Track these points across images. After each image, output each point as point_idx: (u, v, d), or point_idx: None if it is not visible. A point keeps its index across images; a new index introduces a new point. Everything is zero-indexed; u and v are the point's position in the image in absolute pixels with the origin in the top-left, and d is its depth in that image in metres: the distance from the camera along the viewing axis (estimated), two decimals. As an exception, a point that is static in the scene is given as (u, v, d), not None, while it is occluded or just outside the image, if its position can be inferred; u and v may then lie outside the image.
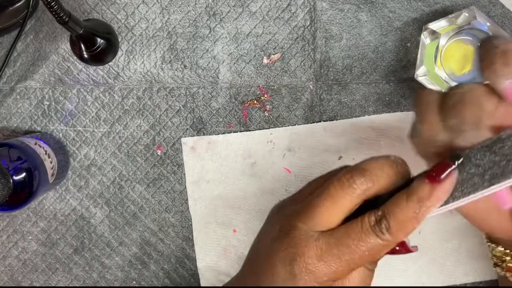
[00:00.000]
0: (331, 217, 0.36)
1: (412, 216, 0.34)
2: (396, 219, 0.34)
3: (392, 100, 0.56)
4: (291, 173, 0.57)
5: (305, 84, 0.56)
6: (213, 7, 0.55)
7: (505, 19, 0.54)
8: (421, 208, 0.34)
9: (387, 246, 0.35)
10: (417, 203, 0.34)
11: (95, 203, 0.57)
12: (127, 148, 0.57)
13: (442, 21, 0.52)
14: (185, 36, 0.55)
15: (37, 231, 0.58)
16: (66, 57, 0.55)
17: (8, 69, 0.56)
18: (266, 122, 0.56)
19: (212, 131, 0.56)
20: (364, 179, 0.35)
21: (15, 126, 0.57)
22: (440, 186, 0.34)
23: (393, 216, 0.34)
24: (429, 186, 0.34)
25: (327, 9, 0.55)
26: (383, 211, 0.35)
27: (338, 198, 0.36)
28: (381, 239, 0.34)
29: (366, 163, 0.36)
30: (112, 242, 0.58)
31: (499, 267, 0.43)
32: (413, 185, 0.34)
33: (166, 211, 0.58)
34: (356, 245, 0.35)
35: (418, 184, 0.34)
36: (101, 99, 0.56)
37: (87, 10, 0.55)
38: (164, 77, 0.56)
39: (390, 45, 0.55)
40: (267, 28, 0.55)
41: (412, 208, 0.34)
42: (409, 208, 0.34)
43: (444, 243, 0.57)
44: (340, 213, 0.36)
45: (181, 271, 0.59)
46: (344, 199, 0.36)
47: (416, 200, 0.34)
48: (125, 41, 0.55)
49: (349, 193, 0.36)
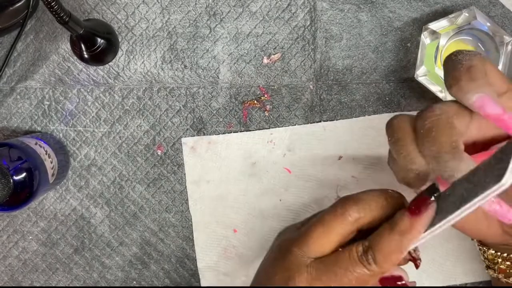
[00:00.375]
0: (323, 244, 0.37)
1: (395, 248, 0.35)
2: (381, 250, 0.35)
3: (392, 100, 0.56)
4: (291, 173, 0.57)
5: (305, 84, 0.56)
6: (213, 7, 0.55)
7: (505, 19, 0.54)
8: (403, 241, 0.35)
9: (373, 276, 0.36)
10: (399, 236, 0.35)
11: (95, 203, 0.57)
12: (127, 148, 0.57)
13: (442, 21, 0.52)
14: (185, 36, 0.55)
15: (38, 231, 0.58)
16: (66, 57, 0.55)
17: (8, 69, 0.56)
18: (266, 122, 0.56)
19: (212, 131, 0.56)
20: (357, 208, 0.37)
21: (15, 126, 0.57)
22: (419, 218, 0.34)
23: (379, 247, 0.35)
24: (409, 219, 0.35)
25: (327, 9, 0.55)
26: (370, 242, 0.36)
27: (330, 226, 0.37)
28: (367, 269, 0.36)
29: (361, 194, 0.38)
30: (113, 242, 0.58)
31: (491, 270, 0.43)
32: (395, 217, 0.36)
33: (166, 211, 0.58)
34: (344, 273, 0.36)
35: (400, 217, 0.35)
36: (101, 99, 0.56)
37: (87, 10, 0.55)
38: (164, 77, 0.56)
39: (390, 45, 0.55)
40: (267, 28, 0.55)
41: (395, 241, 0.35)
42: (392, 240, 0.35)
43: (444, 243, 0.57)
44: (333, 241, 0.37)
45: (181, 271, 0.59)
46: (336, 227, 0.37)
47: (398, 233, 0.35)
48: (125, 41, 0.55)
49: (341, 221, 0.37)
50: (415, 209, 0.35)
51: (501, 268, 0.42)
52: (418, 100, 0.56)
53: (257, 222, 0.58)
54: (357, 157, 0.56)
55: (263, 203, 0.57)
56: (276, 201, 0.57)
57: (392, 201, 0.37)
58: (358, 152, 0.56)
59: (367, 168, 0.57)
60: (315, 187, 0.57)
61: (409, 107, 0.56)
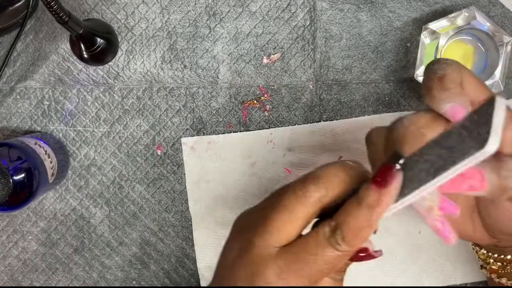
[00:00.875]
0: (288, 230, 0.35)
1: (365, 224, 0.33)
2: (350, 227, 0.33)
3: (392, 100, 0.56)
4: (291, 173, 0.57)
5: (305, 84, 0.56)
6: (213, 7, 0.55)
7: (505, 19, 0.54)
8: (372, 215, 0.33)
9: (345, 256, 0.34)
10: (367, 210, 0.33)
11: (95, 203, 0.57)
12: (127, 148, 0.57)
13: (442, 21, 0.52)
14: (185, 36, 0.55)
15: (37, 231, 0.58)
16: (66, 57, 0.55)
17: (8, 69, 0.56)
18: (266, 122, 0.56)
19: (212, 131, 0.56)
20: (317, 186, 0.34)
21: (15, 126, 0.57)
22: (386, 190, 0.32)
23: (346, 225, 0.33)
24: (376, 192, 0.32)
25: (327, 9, 0.55)
26: (336, 221, 0.34)
27: (292, 209, 0.34)
28: (338, 250, 0.33)
29: (319, 170, 0.35)
30: (112, 242, 0.58)
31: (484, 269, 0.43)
32: (361, 191, 0.33)
33: (166, 211, 0.58)
34: (314, 259, 0.33)
35: (366, 190, 0.33)
36: (101, 99, 0.56)
37: (87, 10, 0.55)
38: (164, 77, 0.56)
39: (390, 45, 0.55)
40: (267, 28, 0.55)
41: (363, 215, 0.33)
42: (360, 216, 0.33)
43: (444, 243, 0.57)
44: (297, 225, 0.35)
45: (181, 271, 0.59)
46: (299, 209, 0.34)
47: (366, 207, 0.33)
48: (125, 41, 0.55)
49: (303, 202, 0.34)
50: (381, 180, 0.32)
51: (493, 268, 0.42)
52: (418, 100, 0.56)
53: (257, 222, 0.58)
54: (357, 157, 0.56)
55: (263, 203, 0.57)
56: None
57: (354, 173, 0.35)
58: (358, 152, 0.56)
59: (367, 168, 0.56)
60: (315, 187, 0.57)
61: (408, 107, 0.56)
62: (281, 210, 0.35)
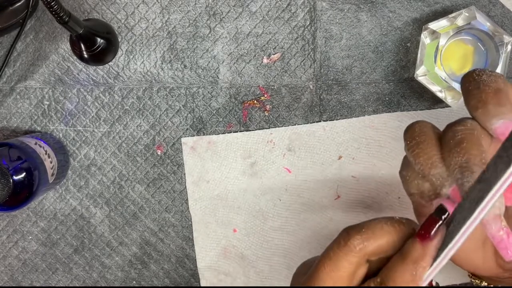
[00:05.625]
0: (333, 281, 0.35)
1: (410, 279, 0.33)
2: (395, 284, 0.33)
3: (392, 100, 0.56)
4: (291, 173, 0.57)
5: (305, 84, 0.56)
6: (213, 7, 0.55)
7: (505, 19, 0.54)
8: (418, 270, 0.32)
9: None
10: (412, 265, 0.32)
11: (95, 203, 0.57)
12: (127, 148, 0.57)
13: (442, 21, 0.52)
14: (185, 36, 0.55)
15: (37, 231, 0.58)
16: (66, 57, 0.55)
17: (8, 69, 0.56)
18: (266, 122, 0.56)
19: (212, 131, 0.56)
20: (360, 236, 0.34)
21: (15, 126, 0.57)
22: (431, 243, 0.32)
23: (392, 281, 0.33)
24: (420, 246, 0.32)
25: (327, 9, 0.55)
26: (381, 277, 0.34)
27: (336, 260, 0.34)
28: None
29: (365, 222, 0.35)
30: (112, 242, 0.58)
31: None
32: (405, 246, 0.33)
33: (166, 211, 0.58)
34: None
35: (410, 244, 0.33)
36: (101, 99, 0.56)
37: (87, 10, 0.55)
38: (164, 77, 0.56)
39: (390, 45, 0.55)
40: (267, 28, 0.55)
41: (409, 271, 0.32)
42: (405, 271, 0.33)
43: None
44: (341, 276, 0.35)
45: (181, 271, 0.59)
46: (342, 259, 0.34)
47: (411, 262, 0.32)
48: (125, 41, 0.55)
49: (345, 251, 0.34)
50: (425, 233, 0.32)
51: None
52: (418, 100, 0.56)
53: (257, 222, 0.58)
54: (357, 157, 0.56)
55: (263, 203, 0.57)
56: (276, 201, 0.57)
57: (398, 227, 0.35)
58: (358, 152, 0.56)
59: (367, 168, 0.57)
60: (315, 187, 0.57)
61: (409, 107, 0.56)
62: (325, 261, 0.35)
